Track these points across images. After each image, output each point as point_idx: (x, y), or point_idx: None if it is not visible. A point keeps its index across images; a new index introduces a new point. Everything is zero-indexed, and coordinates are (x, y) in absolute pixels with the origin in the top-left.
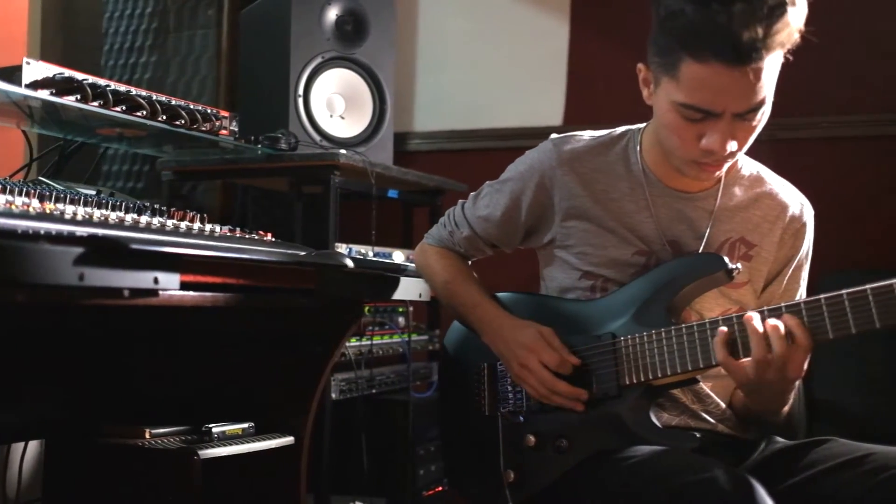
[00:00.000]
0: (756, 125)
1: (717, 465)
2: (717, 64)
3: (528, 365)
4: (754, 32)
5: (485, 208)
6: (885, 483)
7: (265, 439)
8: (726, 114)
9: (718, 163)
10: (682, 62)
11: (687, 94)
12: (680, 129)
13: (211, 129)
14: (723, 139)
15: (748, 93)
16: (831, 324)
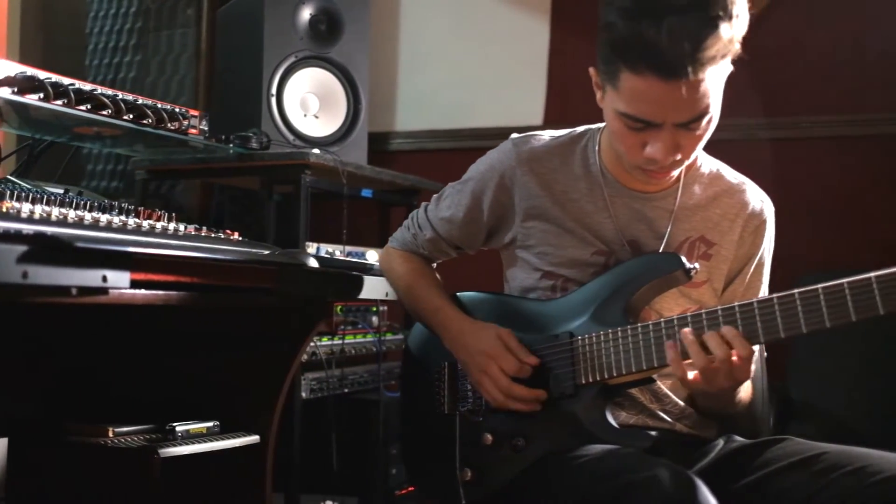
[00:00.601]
0: (701, 133)
1: (661, 463)
2: (651, 76)
3: (488, 371)
4: (684, 48)
5: (447, 210)
6: (834, 482)
7: (229, 438)
8: (667, 124)
9: (664, 170)
10: (621, 73)
11: (627, 104)
12: (624, 136)
13: (179, 128)
14: (665, 148)
15: (686, 104)
16: (783, 323)
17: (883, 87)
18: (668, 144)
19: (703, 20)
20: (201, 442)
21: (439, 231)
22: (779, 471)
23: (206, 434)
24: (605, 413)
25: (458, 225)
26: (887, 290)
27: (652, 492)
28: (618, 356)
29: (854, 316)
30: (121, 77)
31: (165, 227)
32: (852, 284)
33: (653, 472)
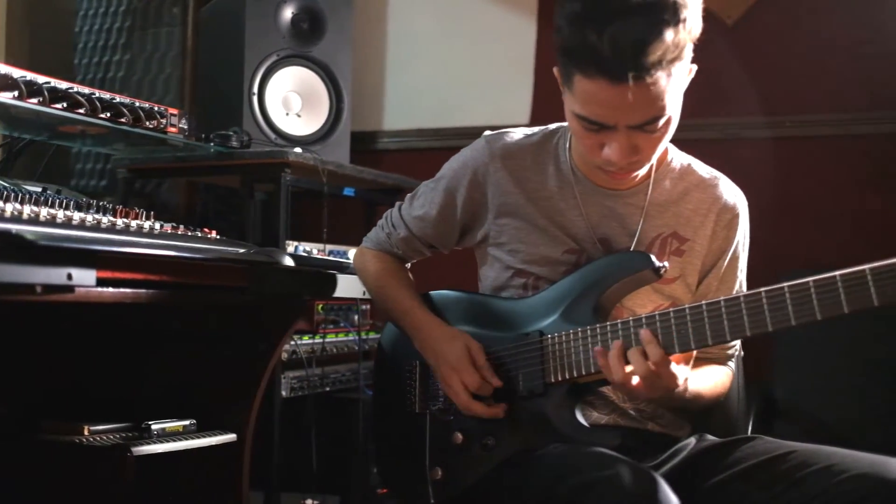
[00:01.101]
0: (659, 135)
1: (623, 462)
2: (600, 80)
3: (450, 383)
4: (627, 53)
5: (420, 208)
6: (802, 481)
7: (206, 437)
8: (620, 126)
9: (623, 171)
10: (574, 76)
11: (581, 106)
12: (583, 137)
13: (157, 126)
14: (621, 150)
15: (637, 107)
16: (710, 330)
17: (866, 86)
18: (624, 146)
19: (646, 25)
20: (177, 440)
21: (413, 230)
22: (748, 469)
23: (183, 432)
24: (575, 412)
25: (431, 223)
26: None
27: (613, 490)
28: (586, 355)
29: (794, 320)
30: (110, 76)
31: (141, 225)
32: (792, 288)
33: (614, 470)
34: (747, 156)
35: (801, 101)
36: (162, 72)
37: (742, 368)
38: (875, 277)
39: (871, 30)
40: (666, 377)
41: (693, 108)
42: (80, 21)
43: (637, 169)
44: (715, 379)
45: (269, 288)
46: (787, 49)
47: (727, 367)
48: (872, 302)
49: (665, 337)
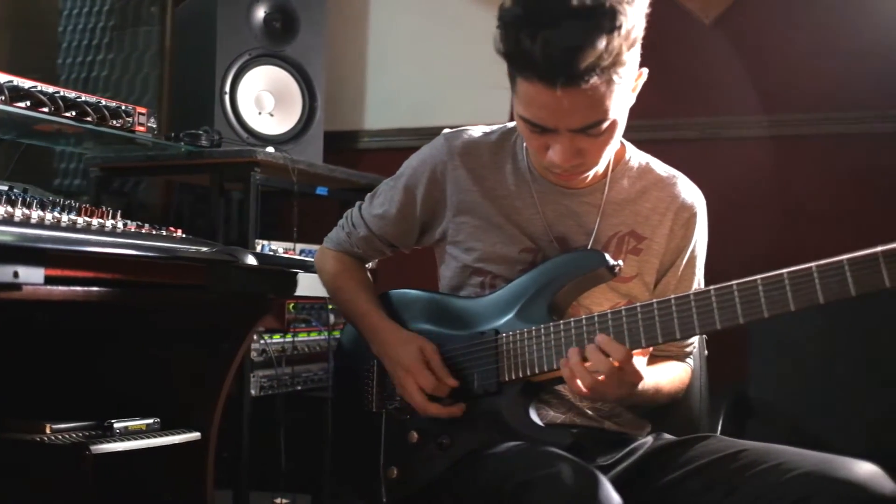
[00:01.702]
0: (605, 139)
1: (566, 460)
2: (538, 83)
3: (405, 386)
4: (558, 59)
5: (380, 206)
6: (752, 479)
7: (169, 435)
8: (562, 129)
9: (568, 173)
10: (516, 78)
11: (523, 108)
12: (529, 138)
13: (124, 125)
14: (563, 152)
15: (576, 112)
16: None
17: (844, 86)
18: (567, 149)
19: (579, 31)
20: (139, 439)
21: (373, 228)
22: (701, 468)
23: (146, 431)
24: (529, 410)
25: (391, 221)
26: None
27: (553, 488)
28: (540, 353)
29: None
30: (94, 76)
31: (103, 224)
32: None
33: (556, 469)
34: (726, 155)
35: (780, 101)
36: (140, 71)
37: (706, 367)
38: (792, 280)
39: (849, 29)
40: (630, 373)
41: (672, 108)
42: (65, 21)
43: (583, 172)
44: (673, 375)
45: (228, 286)
46: (765, 49)
47: (686, 363)
48: (789, 306)
49: (618, 335)
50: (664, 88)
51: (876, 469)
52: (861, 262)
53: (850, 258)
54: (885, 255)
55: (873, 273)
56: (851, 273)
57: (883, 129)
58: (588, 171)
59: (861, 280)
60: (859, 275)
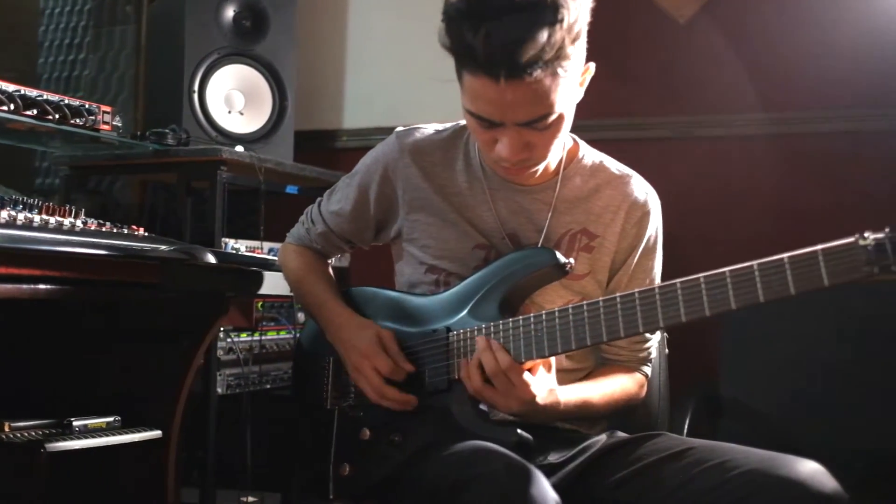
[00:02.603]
0: (552, 133)
1: (504, 458)
2: (483, 77)
3: (361, 370)
4: (503, 53)
5: (337, 203)
6: (699, 476)
7: (129, 433)
8: (508, 123)
9: (517, 167)
10: (462, 71)
11: (470, 102)
12: (477, 133)
13: (86, 124)
14: (511, 146)
15: (521, 106)
16: (561, 337)
17: (817, 84)
18: (515, 143)
19: (520, 25)
20: (97, 437)
21: (330, 225)
22: (650, 465)
23: (106, 429)
24: (478, 408)
25: (346, 218)
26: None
27: (487, 485)
28: None
29: (684, 317)
30: (75, 75)
31: (61, 222)
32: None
33: (490, 467)
34: (699, 154)
35: (753, 100)
36: (116, 70)
37: (667, 366)
38: (733, 279)
39: (821, 28)
40: (518, 385)
41: (644, 107)
42: (46, 20)
43: (532, 166)
44: (610, 389)
45: (183, 285)
46: (739, 48)
47: (638, 372)
48: (730, 304)
49: (564, 333)
50: (637, 87)
51: (818, 467)
52: (801, 260)
53: (791, 256)
54: (825, 254)
55: (812, 271)
56: (792, 271)
57: (857, 127)
58: (536, 165)
59: (801, 278)
60: (799, 273)
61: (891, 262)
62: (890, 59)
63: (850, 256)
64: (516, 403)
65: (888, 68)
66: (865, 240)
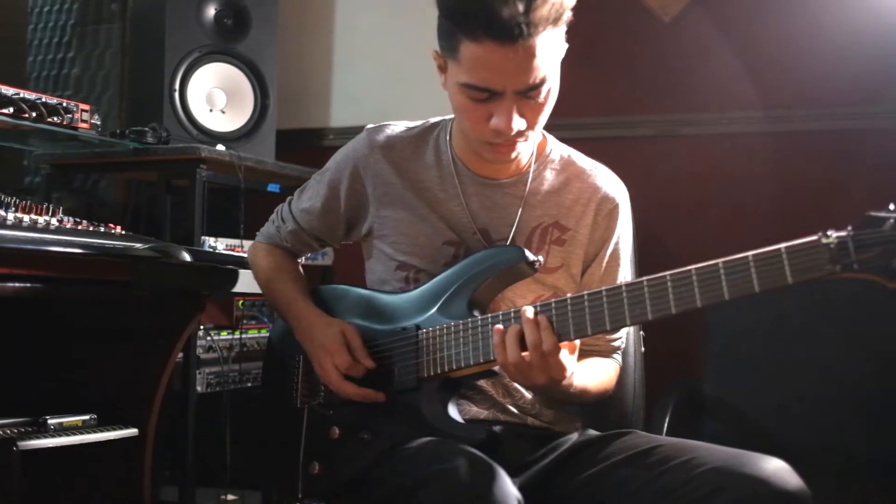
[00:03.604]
0: (543, 103)
1: (465, 455)
2: (488, 42)
3: (322, 365)
4: (515, 9)
5: (307, 201)
6: (664, 473)
7: (104, 431)
8: (508, 92)
9: (510, 143)
10: (461, 43)
11: (468, 73)
12: (469, 110)
13: (63, 122)
14: (508, 118)
15: (524, 70)
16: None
17: (801, 84)
18: (511, 114)
19: None
20: (72, 435)
21: (300, 223)
22: (618, 463)
23: (82, 427)
24: (447, 406)
25: (317, 216)
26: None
27: (448, 482)
28: (458, 349)
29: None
30: (64, 73)
31: (35, 220)
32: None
33: (452, 464)
34: (684, 152)
35: (737, 98)
36: (102, 68)
37: (642, 364)
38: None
39: (806, 27)
40: (555, 365)
41: (630, 105)
42: (35, 18)
43: (523, 140)
44: (601, 375)
45: (156, 283)
46: (723, 46)
47: (613, 359)
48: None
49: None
50: (623, 85)
51: (782, 464)
52: (765, 258)
53: (756, 254)
54: (789, 252)
55: (776, 270)
56: (756, 269)
57: (841, 126)
58: (527, 140)
59: (765, 276)
60: (763, 271)
61: (852, 260)
62: (875, 56)
63: (813, 255)
64: (544, 378)
65: (873, 65)
66: (828, 238)
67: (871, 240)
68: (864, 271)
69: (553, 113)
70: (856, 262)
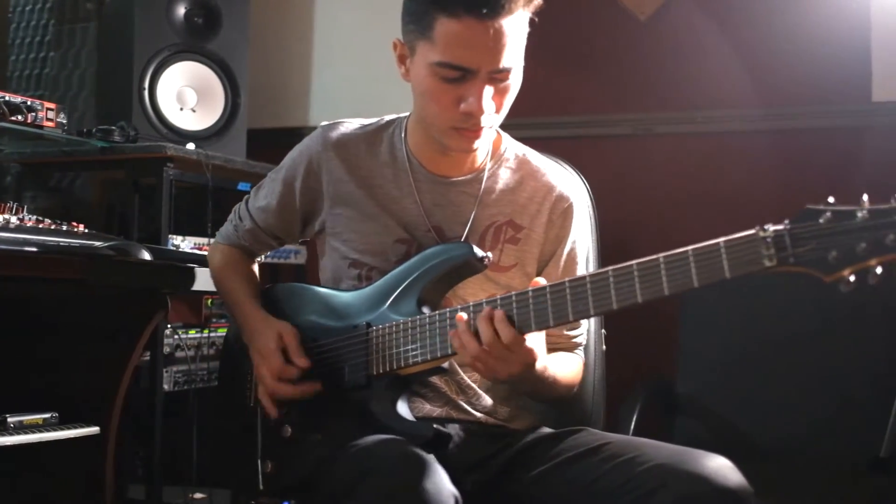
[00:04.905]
0: (510, 88)
1: (402, 451)
2: (468, 18)
3: (258, 371)
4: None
5: (263, 199)
6: (612, 470)
7: (66, 429)
8: (482, 72)
9: (476, 128)
10: (437, 21)
11: (442, 52)
12: (438, 93)
13: (26, 120)
14: (479, 98)
15: (500, 48)
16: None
17: (775, 83)
18: (484, 95)
19: None
20: (34, 433)
21: (257, 221)
22: (568, 459)
23: (42, 425)
24: (396, 404)
25: (273, 213)
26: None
27: (382, 478)
28: (406, 346)
29: (593, 310)
30: (46, 72)
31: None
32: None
33: (387, 458)
34: (659, 151)
35: (713, 97)
36: (78, 67)
37: (603, 362)
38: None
39: (781, 27)
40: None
41: (605, 104)
42: (18, 17)
43: (490, 124)
44: (569, 367)
45: (112, 281)
46: (699, 45)
47: (576, 355)
48: (636, 298)
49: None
50: (598, 84)
51: (724, 462)
52: (704, 252)
53: (695, 248)
54: (727, 246)
55: (714, 264)
56: (695, 263)
57: (815, 125)
58: (492, 126)
59: (703, 270)
60: (702, 265)
61: (789, 253)
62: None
63: (751, 248)
64: (518, 367)
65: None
66: (765, 232)
67: (808, 233)
68: (800, 265)
69: (529, 111)
70: (792, 255)
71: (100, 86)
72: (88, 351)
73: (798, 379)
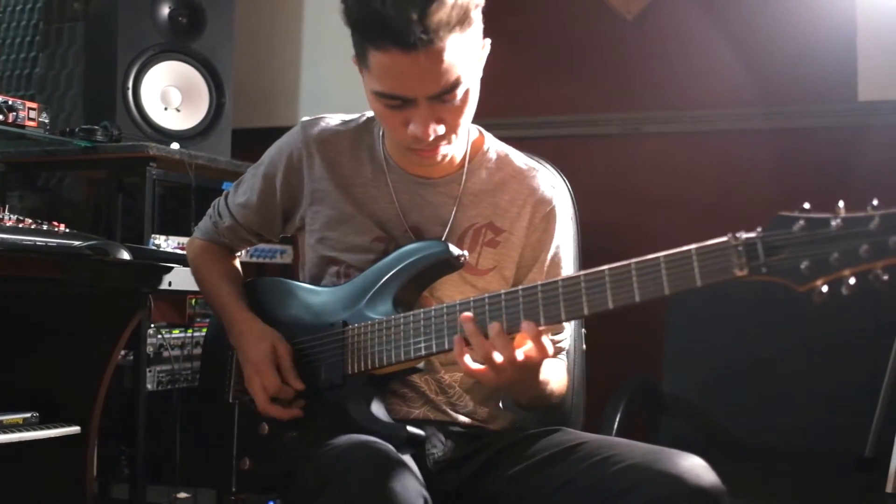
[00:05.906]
0: (462, 105)
1: (371, 450)
2: (393, 50)
3: (251, 384)
4: (410, 16)
5: (243, 195)
6: (586, 470)
7: (46, 429)
8: (420, 98)
9: (431, 147)
10: (369, 52)
11: (378, 82)
12: (387, 117)
13: (7, 120)
14: (425, 124)
15: (432, 76)
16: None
17: (763, 82)
18: (428, 119)
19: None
20: (14, 432)
21: (237, 217)
22: (545, 459)
23: (23, 424)
24: (371, 404)
25: (253, 210)
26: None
27: (351, 478)
28: (381, 346)
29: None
30: (36, 72)
31: None
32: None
33: (356, 459)
34: (645, 151)
35: (700, 97)
36: (66, 67)
37: (583, 362)
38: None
39: (767, 27)
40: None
41: (592, 103)
42: (8, 17)
43: (445, 143)
44: (558, 373)
45: (89, 280)
46: (685, 44)
47: (560, 360)
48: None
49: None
50: (584, 83)
51: (698, 461)
52: (676, 259)
53: (667, 255)
54: (699, 253)
55: (686, 271)
56: (667, 271)
57: (801, 125)
58: (450, 143)
59: (675, 278)
60: (673, 273)
61: (761, 263)
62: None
63: (722, 257)
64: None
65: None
66: (737, 240)
67: (781, 241)
68: (772, 274)
69: (514, 111)
70: (764, 265)
71: (86, 86)
72: (69, 350)
73: (785, 380)
